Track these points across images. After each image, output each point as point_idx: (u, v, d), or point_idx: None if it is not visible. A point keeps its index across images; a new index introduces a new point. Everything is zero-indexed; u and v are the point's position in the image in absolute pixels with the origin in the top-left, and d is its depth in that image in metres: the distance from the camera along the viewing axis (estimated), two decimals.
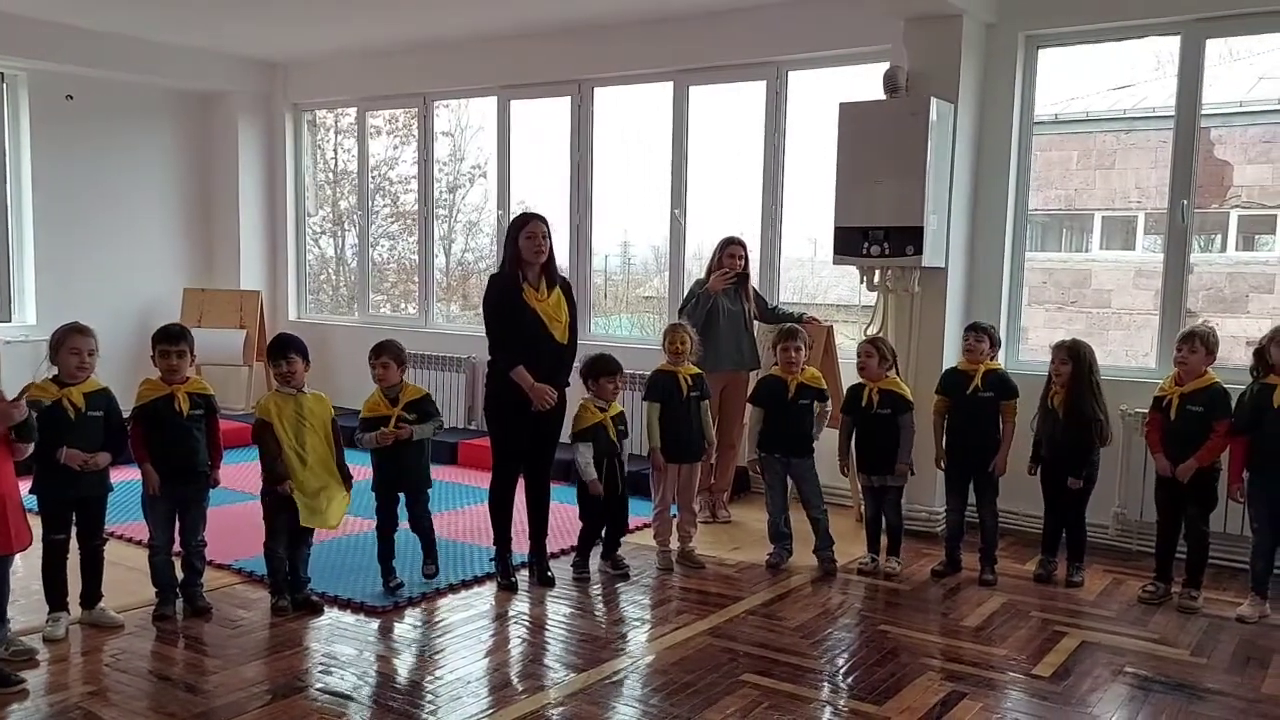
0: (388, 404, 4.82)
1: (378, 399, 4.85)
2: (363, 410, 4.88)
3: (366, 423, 4.82)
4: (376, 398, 4.86)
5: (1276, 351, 4.49)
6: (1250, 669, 4.08)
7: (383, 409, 4.81)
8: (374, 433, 4.77)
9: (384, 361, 4.85)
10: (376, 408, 4.83)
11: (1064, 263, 13.66)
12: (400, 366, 4.88)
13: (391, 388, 4.86)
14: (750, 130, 6.88)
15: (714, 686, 3.82)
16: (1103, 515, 5.56)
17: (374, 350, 4.91)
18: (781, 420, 5.25)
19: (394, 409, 4.79)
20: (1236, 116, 12.03)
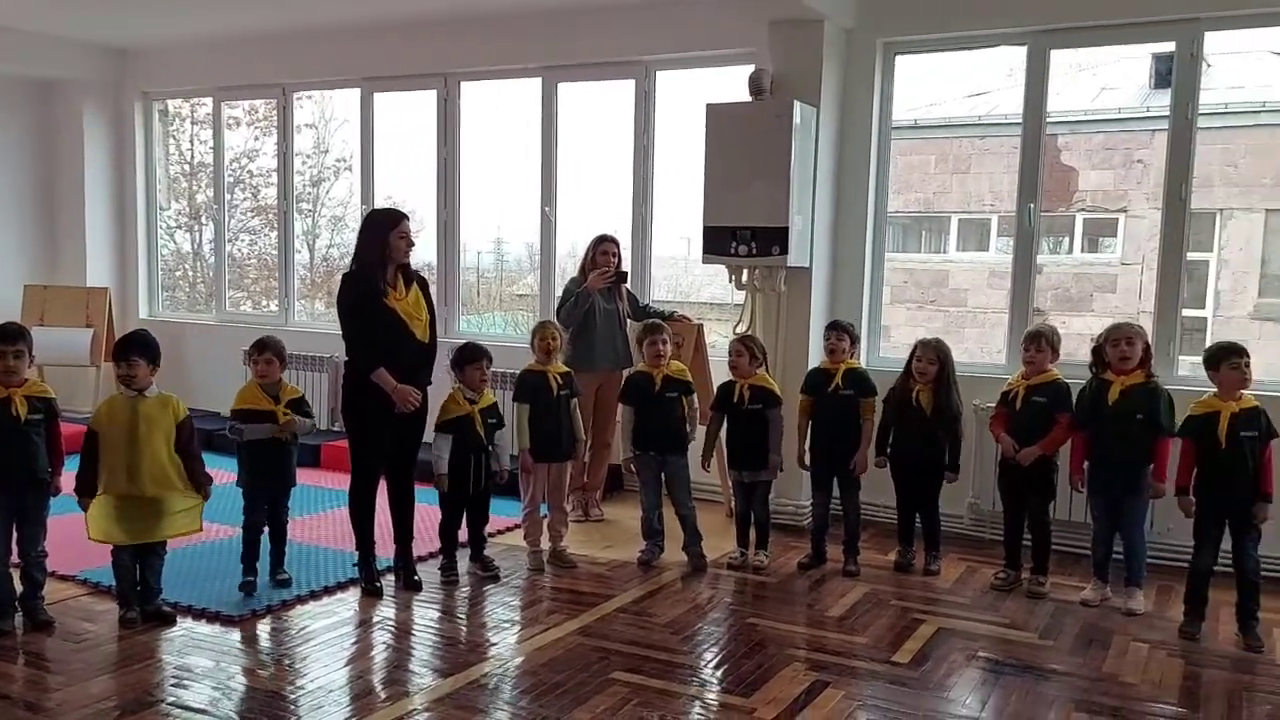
0: (269, 399, 4.69)
1: (256, 394, 4.72)
2: (236, 403, 4.74)
3: (245, 415, 4.68)
4: (254, 392, 4.73)
5: (1112, 350, 4.73)
6: (1093, 650, 4.30)
7: (264, 404, 4.69)
8: (260, 425, 4.64)
9: (268, 358, 4.75)
10: (257, 402, 4.70)
11: (924, 263, 14.16)
12: (282, 364, 4.76)
13: (272, 385, 4.73)
14: (620, 129, 6.89)
15: (583, 686, 3.81)
16: (957, 506, 5.77)
17: (256, 346, 4.77)
18: (652, 416, 5.27)
19: (277, 405, 4.68)
20: (1082, 124, 12.69)
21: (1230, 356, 4.35)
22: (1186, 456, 4.48)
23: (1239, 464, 4.31)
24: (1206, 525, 4.44)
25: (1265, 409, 4.36)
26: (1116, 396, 4.69)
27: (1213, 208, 12.32)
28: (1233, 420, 4.32)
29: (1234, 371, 4.34)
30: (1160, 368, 5.12)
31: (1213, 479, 4.39)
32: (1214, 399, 4.40)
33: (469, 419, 4.88)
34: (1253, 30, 5.91)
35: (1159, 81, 10.21)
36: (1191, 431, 4.45)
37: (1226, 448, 4.32)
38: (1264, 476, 4.31)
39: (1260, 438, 4.32)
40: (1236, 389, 4.35)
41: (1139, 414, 4.65)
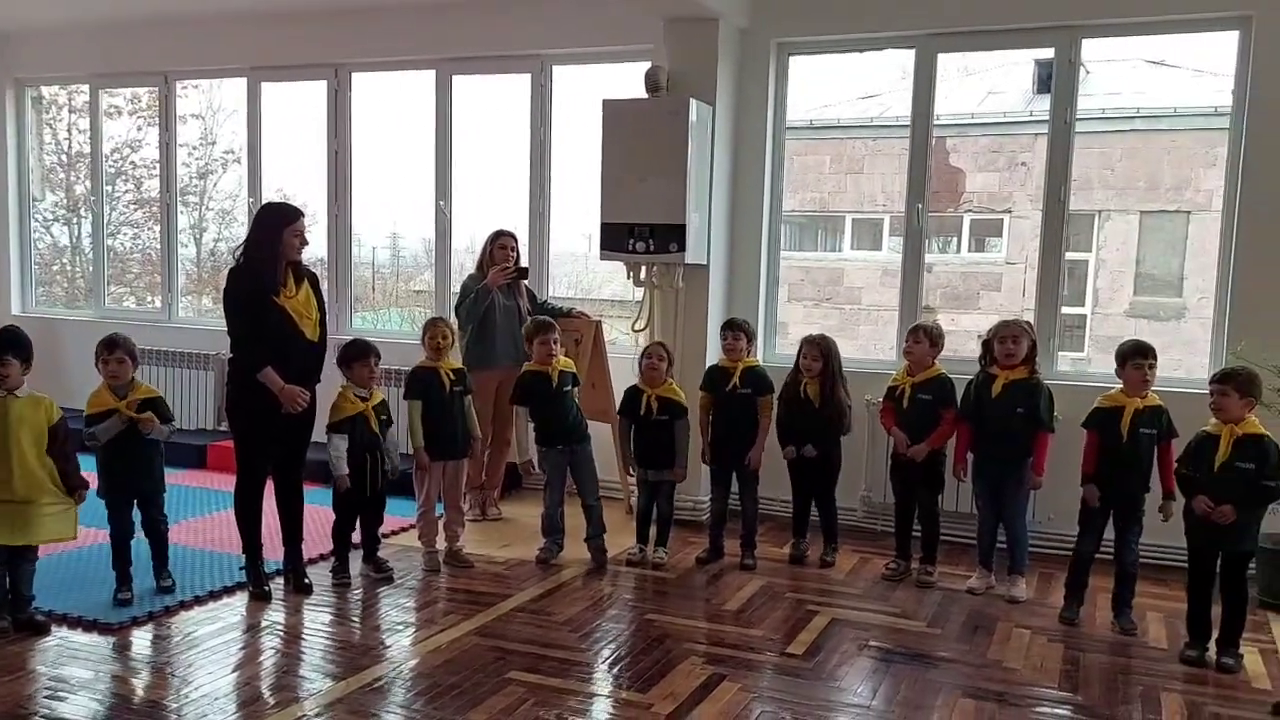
0: (116, 398, 4.50)
1: (105, 395, 4.51)
2: (88, 408, 4.54)
3: (95, 419, 4.48)
4: (104, 394, 4.52)
5: (999, 347, 4.87)
6: (978, 636, 4.42)
7: (113, 403, 4.49)
8: (108, 421, 4.45)
9: (119, 357, 4.52)
10: (106, 402, 4.50)
11: (819, 261, 14.40)
12: (134, 363, 4.56)
13: (123, 385, 4.53)
14: (517, 123, 6.83)
15: (479, 686, 3.77)
16: (850, 499, 5.89)
17: (106, 345, 4.55)
18: (554, 412, 5.24)
19: (122, 402, 4.48)
20: (969, 127, 13.07)
21: (1136, 356, 4.50)
22: (1090, 447, 4.61)
23: (1135, 459, 4.47)
24: (1094, 513, 4.60)
25: (1166, 408, 4.50)
26: (999, 391, 4.84)
27: (1091, 209, 12.82)
28: (1134, 417, 4.47)
29: (1137, 371, 4.49)
30: (1043, 363, 5.30)
31: (1109, 471, 4.54)
32: (1119, 394, 4.55)
33: (363, 417, 4.79)
34: (1128, 39, 6.18)
35: (1041, 86, 10.56)
36: (1095, 424, 4.59)
37: (1126, 443, 4.47)
38: (1165, 474, 4.45)
39: (1159, 436, 4.47)
40: (1139, 388, 4.49)
41: (1020, 408, 4.80)
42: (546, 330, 5.23)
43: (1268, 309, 5.10)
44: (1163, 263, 12.99)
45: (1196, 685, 3.97)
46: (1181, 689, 3.92)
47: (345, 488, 4.77)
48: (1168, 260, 12.95)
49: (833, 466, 5.38)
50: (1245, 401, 4.04)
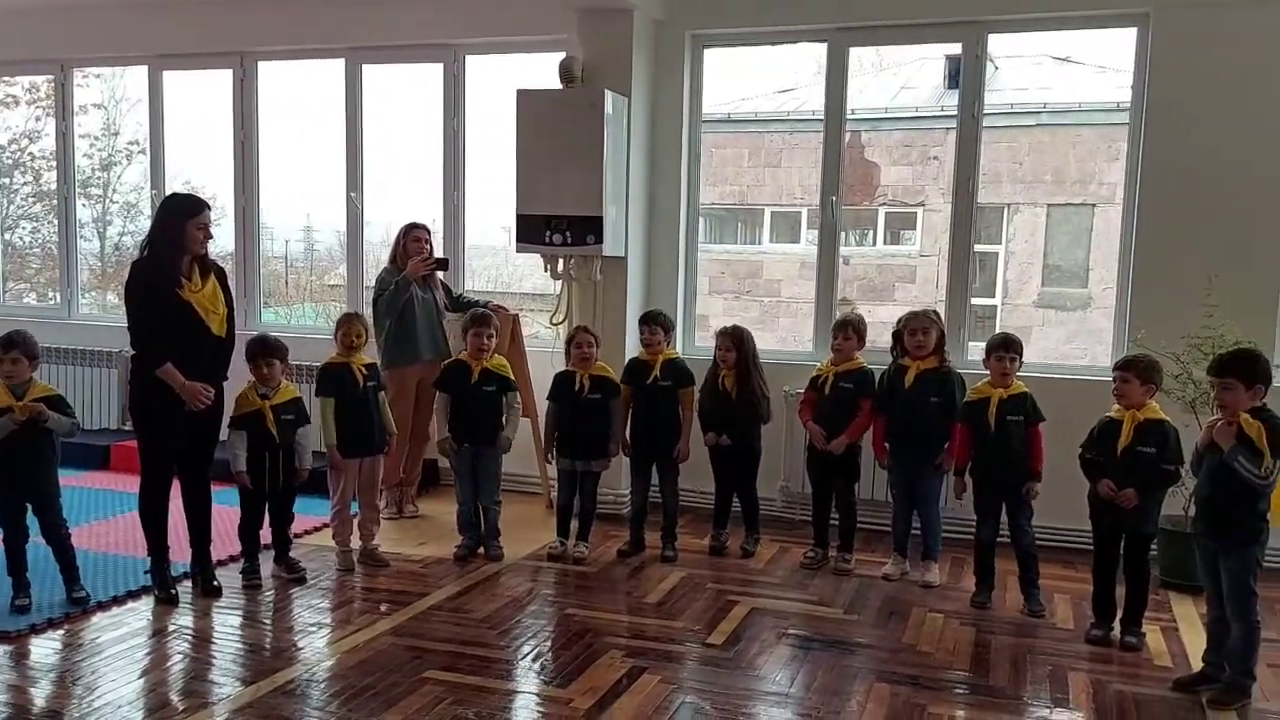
0: (11, 397, 4.30)
1: (1, 394, 4.31)
2: None
3: None
4: (1, 394, 4.32)
5: (909, 338, 4.96)
6: (893, 622, 4.50)
7: (8, 401, 4.30)
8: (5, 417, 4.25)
9: (14, 356, 4.32)
10: (1, 401, 4.30)
11: (739, 254, 14.51)
12: (32, 361, 4.37)
13: (20, 384, 4.33)
14: (431, 113, 6.73)
15: (395, 687, 3.70)
16: (769, 489, 5.93)
17: (2, 343, 4.34)
18: (467, 408, 5.18)
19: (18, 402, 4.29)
20: (883, 121, 13.28)
21: (998, 350, 4.65)
22: (962, 440, 4.75)
23: (1004, 446, 4.59)
24: (983, 501, 4.73)
25: (1031, 394, 4.63)
26: (912, 381, 4.93)
27: (1001, 202, 13.15)
28: (1000, 405, 4.60)
29: (998, 363, 4.64)
30: (953, 353, 5.42)
31: (983, 460, 4.67)
32: (985, 386, 4.69)
33: (259, 415, 4.67)
34: (1033, 34, 6.33)
35: (951, 82, 10.79)
36: (966, 417, 4.72)
37: (994, 431, 4.60)
38: (1033, 456, 4.59)
39: (1025, 421, 4.60)
40: (1000, 380, 4.64)
41: (934, 397, 4.90)
42: (481, 324, 5.18)
43: (1166, 298, 5.26)
44: (1069, 254, 13.38)
45: (1102, 664, 4.08)
46: (1087, 668, 4.03)
47: (243, 484, 4.66)
48: (1074, 252, 13.34)
49: (752, 457, 5.41)
50: (1146, 388, 4.16)
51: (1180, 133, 5.29)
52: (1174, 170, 5.32)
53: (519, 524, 5.70)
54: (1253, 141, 5.19)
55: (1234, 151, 5.21)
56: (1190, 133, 5.27)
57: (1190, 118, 5.26)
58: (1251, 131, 5.19)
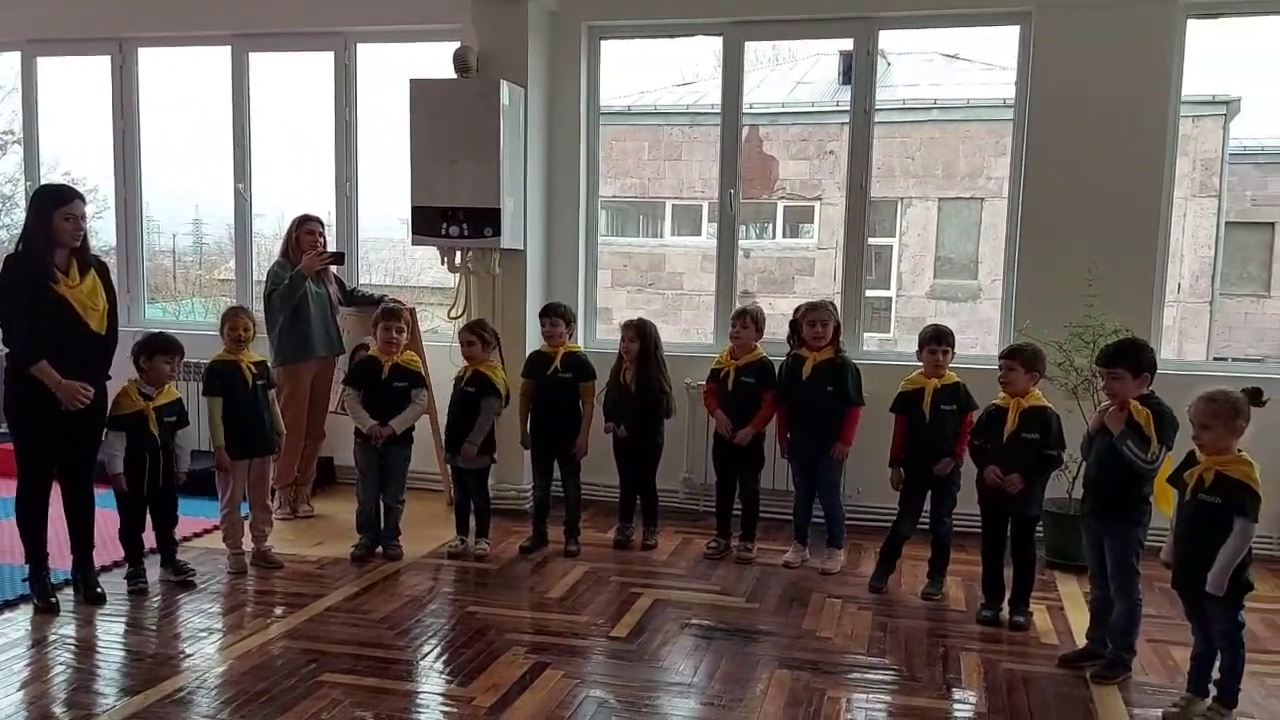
0: None
1: None
2: None
3: None
4: None
5: (808, 329, 5.03)
6: (794, 608, 4.56)
7: None
8: None
9: None
10: None
11: (641, 247, 14.58)
12: None
13: None
14: (322, 103, 6.57)
15: (291, 691, 3.61)
16: (672, 481, 5.96)
17: None
18: (377, 404, 5.08)
19: None
20: (781, 116, 13.48)
21: (930, 343, 4.73)
22: (898, 431, 4.81)
23: (939, 436, 4.68)
24: (910, 494, 4.79)
25: (964, 384, 4.71)
26: (809, 372, 5.00)
27: (894, 196, 13.48)
28: (934, 396, 4.69)
29: (931, 356, 4.72)
30: (849, 343, 5.51)
31: (915, 449, 4.74)
32: (919, 376, 4.76)
33: (141, 416, 4.49)
34: (923, 31, 6.47)
35: (846, 77, 10.99)
36: (900, 407, 4.78)
37: (930, 421, 4.68)
38: (959, 443, 4.68)
39: (958, 410, 4.70)
40: (933, 371, 4.72)
41: (830, 387, 4.98)
42: (391, 318, 5.09)
43: (1049, 289, 5.44)
44: (959, 247, 13.79)
45: (992, 644, 4.20)
46: (979, 648, 4.15)
47: (122, 487, 4.49)
48: (964, 245, 13.75)
49: (653, 450, 5.40)
50: (1030, 375, 4.30)
51: (1061, 129, 5.47)
52: (1055, 165, 5.50)
53: (419, 522, 5.61)
54: (1129, 137, 5.40)
55: (1110, 147, 5.41)
56: (1070, 129, 5.45)
57: (1070, 114, 5.45)
58: (1127, 128, 5.39)
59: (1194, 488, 3.44)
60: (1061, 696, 3.71)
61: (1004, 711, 3.59)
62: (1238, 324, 13.79)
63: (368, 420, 5.05)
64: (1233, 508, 3.34)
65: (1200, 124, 12.09)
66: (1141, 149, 5.40)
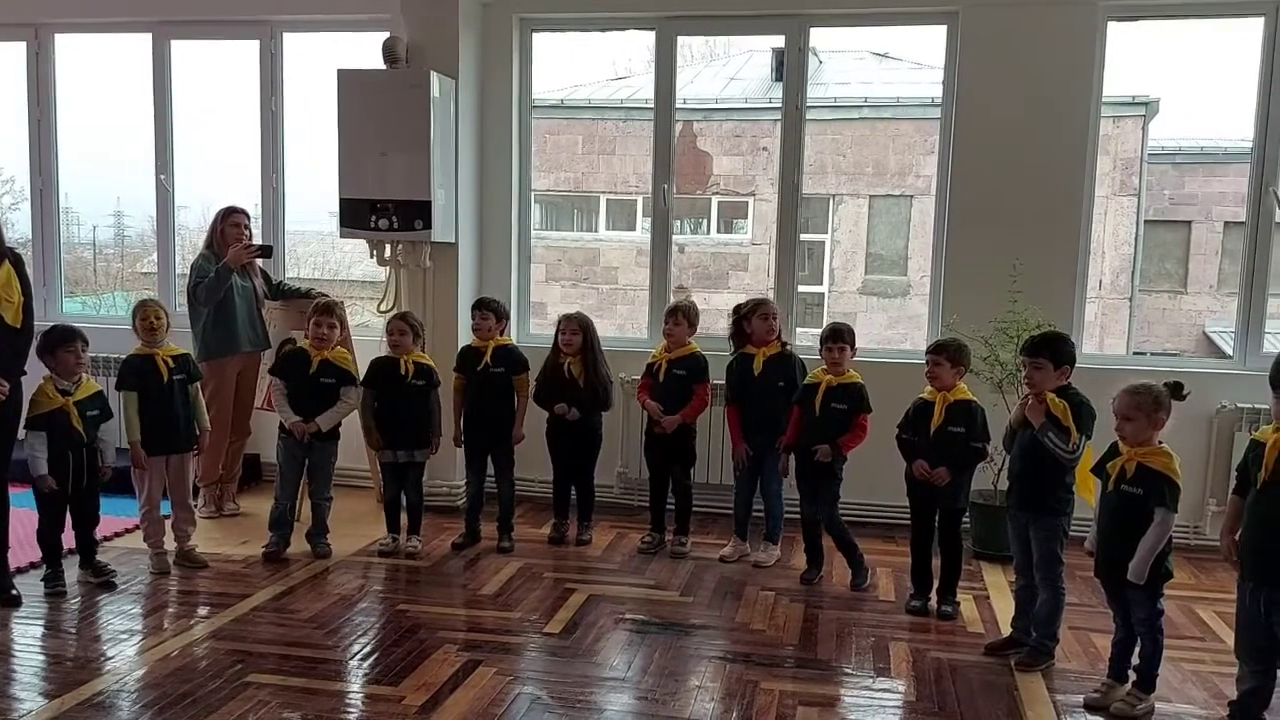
0: None
1: None
2: None
3: None
4: None
5: (760, 324, 5.05)
6: (728, 602, 4.58)
7: None
8: None
9: None
10: None
11: (576, 241, 14.54)
12: None
13: None
14: (248, 92, 6.43)
15: (216, 693, 3.53)
16: (607, 476, 5.95)
17: None
18: (304, 399, 4.98)
19: None
20: (714, 112, 13.54)
21: (827, 340, 4.81)
22: (794, 421, 4.89)
23: (822, 431, 4.74)
24: (802, 481, 4.87)
25: (863, 385, 4.77)
26: (760, 368, 5.03)
27: (826, 193, 13.62)
28: (827, 392, 4.75)
29: (828, 353, 4.79)
30: None
31: (805, 442, 4.81)
32: (820, 372, 4.83)
33: (62, 412, 4.36)
34: (853, 29, 6.53)
35: (778, 74, 11.07)
36: (799, 399, 4.87)
37: (819, 416, 4.75)
38: (846, 439, 4.74)
39: (850, 410, 4.75)
40: (831, 367, 4.79)
41: (781, 381, 5.01)
42: (324, 313, 4.99)
43: (975, 285, 5.54)
44: (890, 244, 13.98)
45: (920, 633, 4.27)
46: (908, 637, 4.21)
47: (48, 488, 4.34)
48: (894, 241, 13.95)
49: (593, 444, 5.40)
50: (956, 370, 4.37)
51: (986, 127, 5.57)
52: (981, 164, 5.60)
53: (348, 519, 5.53)
54: (1052, 137, 5.52)
55: (1034, 146, 5.52)
56: (995, 128, 5.56)
57: (995, 113, 5.55)
58: (1050, 127, 5.51)
59: (1116, 479, 3.53)
60: (987, 684, 3.78)
61: (931, 699, 3.65)
62: (1156, 319, 14.22)
63: (291, 416, 4.96)
64: (1154, 498, 3.44)
65: (1121, 124, 12.42)
66: (1064, 148, 5.52)
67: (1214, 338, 13.15)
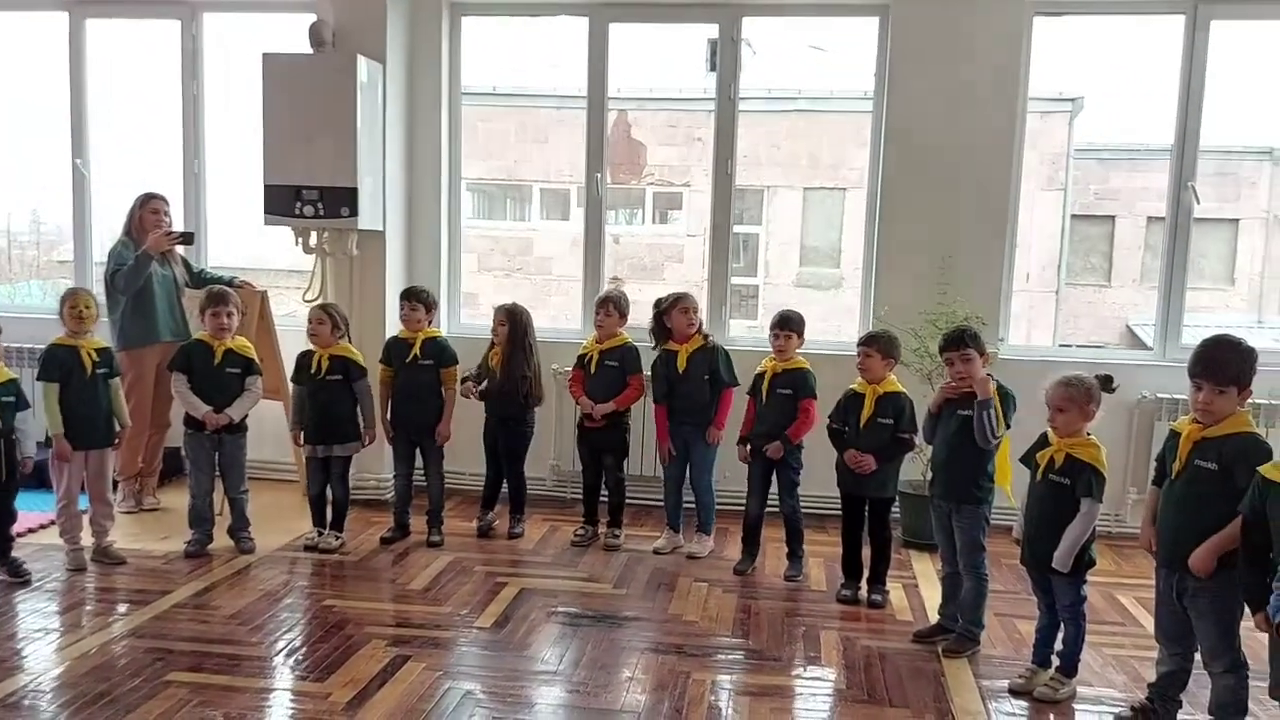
0: None
1: None
2: None
3: None
4: None
5: (680, 318, 5.04)
6: (660, 593, 4.58)
7: None
8: None
9: None
10: None
11: (509, 230, 14.41)
12: None
13: None
14: (169, 75, 6.23)
15: (135, 692, 3.43)
16: (540, 468, 5.91)
17: None
18: (208, 392, 4.85)
19: None
20: (649, 101, 13.50)
21: (774, 328, 4.82)
22: (748, 412, 4.90)
23: (773, 417, 4.77)
24: (753, 471, 4.89)
25: (809, 371, 4.81)
26: (685, 363, 5.02)
27: (761, 185, 13.68)
28: (772, 379, 4.77)
29: (775, 340, 4.81)
30: (715, 330, 5.57)
31: (755, 430, 4.84)
32: (767, 361, 4.84)
33: None
34: (786, 19, 6.54)
35: (712, 64, 11.06)
36: (751, 390, 4.88)
37: (766, 403, 4.78)
38: (795, 427, 4.78)
39: (794, 396, 4.78)
40: (777, 355, 4.81)
41: (706, 375, 5.02)
42: (218, 303, 4.84)
43: (906, 277, 5.60)
44: (824, 236, 14.10)
45: (851, 621, 4.31)
46: (838, 626, 4.25)
47: None
48: (828, 234, 14.06)
49: (521, 438, 5.34)
50: (887, 362, 4.41)
51: (917, 121, 5.62)
52: (911, 157, 5.65)
53: (273, 514, 5.42)
54: (980, 130, 5.58)
55: (963, 140, 5.58)
56: (925, 121, 5.60)
57: (925, 107, 5.60)
58: (979, 121, 5.58)
59: (1045, 468, 3.59)
60: (915, 670, 3.83)
61: (861, 686, 3.68)
62: (1082, 312, 14.56)
63: (201, 406, 4.83)
64: (1080, 488, 3.50)
65: (1048, 120, 12.65)
66: (992, 143, 5.59)
67: (1136, 330, 13.50)
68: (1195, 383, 3.11)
